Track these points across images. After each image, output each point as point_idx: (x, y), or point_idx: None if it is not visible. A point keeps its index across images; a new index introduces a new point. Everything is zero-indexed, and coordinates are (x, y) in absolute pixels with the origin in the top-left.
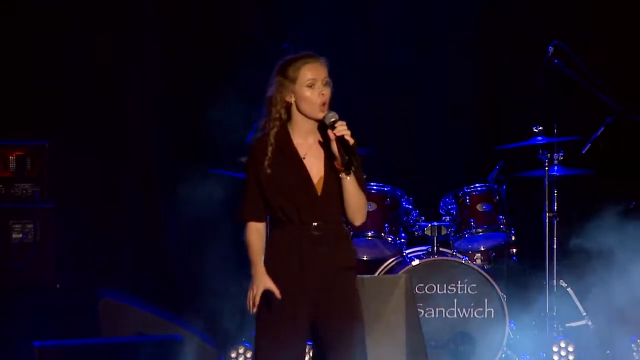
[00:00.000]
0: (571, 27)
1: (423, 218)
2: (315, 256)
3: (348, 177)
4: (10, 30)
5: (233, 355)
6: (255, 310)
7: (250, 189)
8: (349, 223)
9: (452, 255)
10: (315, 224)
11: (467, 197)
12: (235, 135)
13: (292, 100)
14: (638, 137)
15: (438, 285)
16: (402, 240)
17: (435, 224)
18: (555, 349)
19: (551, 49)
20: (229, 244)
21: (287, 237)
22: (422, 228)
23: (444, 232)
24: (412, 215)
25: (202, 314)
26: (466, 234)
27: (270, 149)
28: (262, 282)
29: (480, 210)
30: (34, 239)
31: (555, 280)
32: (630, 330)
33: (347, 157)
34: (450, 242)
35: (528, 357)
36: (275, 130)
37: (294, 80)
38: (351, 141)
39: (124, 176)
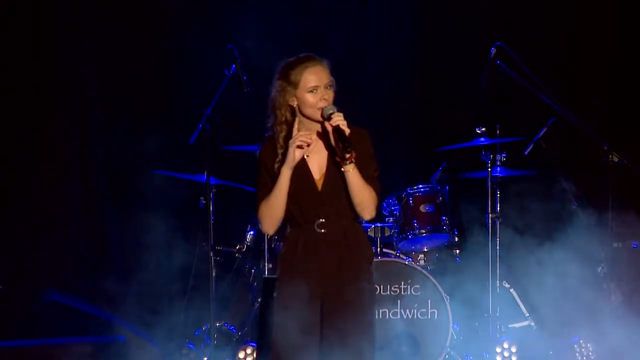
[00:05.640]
0: (514, 27)
1: None
2: (322, 254)
3: (351, 170)
4: None
5: (177, 356)
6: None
7: (263, 184)
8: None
9: (395, 256)
10: (321, 220)
11: (410, 198)
12: (177, 136)
13: (295, 104)
14: (580, 137)
15: (381, 287)
16: None
17: (379, 225)
18: (498, 349)
19: (494, 50)
20: (172, 244)
21: (296, 236)
22: (365, 229)
23: (387, 233)
24: None
25: (146, 315)
26: (409, 235)
27: (280, 152)
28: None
29: (423, 211)
30: None
31: (498, 281)
32: (573, 331)
33: (342, 146)
34: (394, 243)
35: (471, 358)
36: (284, 134)
37: (296, 85)
38: (347, 131)
39: (64, 176)
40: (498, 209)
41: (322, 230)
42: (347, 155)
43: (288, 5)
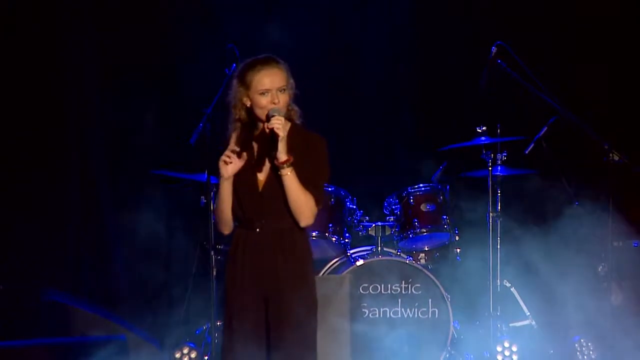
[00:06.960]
0: (514, 27)
1: (367, 218)
2: (258, 255)
3: (288, 173)
4: None
5: (177, 355)
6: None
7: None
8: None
9: (396, 255)
10: (261, 221)
11: (411, 197)
12: (176, 136)
13: (248, 104)
14: (580, 137)
15: (382, 286)
16: (346, 240)
17: (380, 224)
18: (499, 348)
19: (494, 49)
20: (173, 243)
21: (239, 236)
22: (366, 228)
23: (388, 232)
24: (356, 215)
25: (146, 314)
26: (410, 234)
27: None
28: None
29: (424, 210)
30: None
31: (499, 280)
32: (574, 330)
33: (272, 147)
34: (395, 242)
35: (472, 357)
36: (237, 132)
37: (248, 87)
38: (281, 135)
39: (64, 176)
40: (498, 207)
41: (258, 230)
42: (278, 160)
43: (288, 5)
